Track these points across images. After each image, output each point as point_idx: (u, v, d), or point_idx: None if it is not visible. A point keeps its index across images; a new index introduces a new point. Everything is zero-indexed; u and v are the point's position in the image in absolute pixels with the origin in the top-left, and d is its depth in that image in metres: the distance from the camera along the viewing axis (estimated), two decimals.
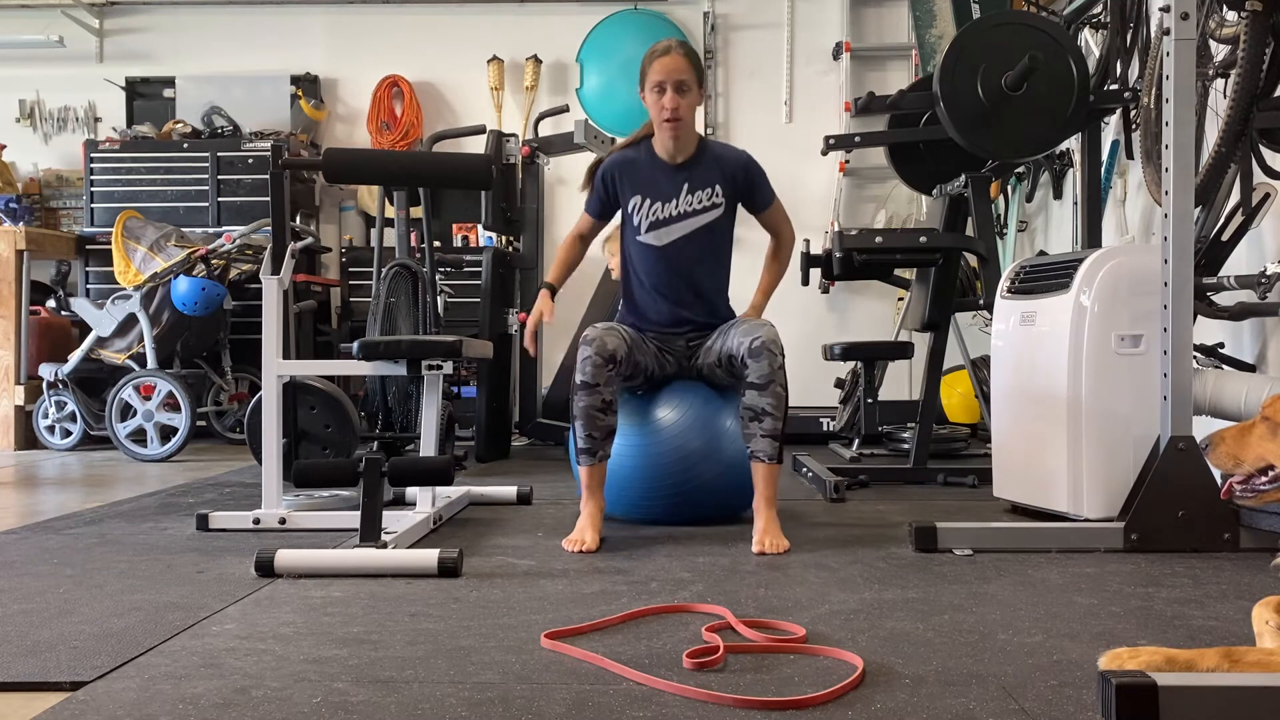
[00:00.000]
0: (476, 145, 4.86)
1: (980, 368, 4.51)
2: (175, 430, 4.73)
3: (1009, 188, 5.30)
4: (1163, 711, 1.23)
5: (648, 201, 2.93)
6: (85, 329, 5.07)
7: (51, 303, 5.35)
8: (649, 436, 2.89)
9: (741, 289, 3.06)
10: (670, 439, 2.88)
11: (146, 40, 6.28)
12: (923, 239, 3.59)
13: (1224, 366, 3.12)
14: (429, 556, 2.31)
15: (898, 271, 4.38)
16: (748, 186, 2.98)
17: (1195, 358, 2.87)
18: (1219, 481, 2.05)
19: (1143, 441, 2.62)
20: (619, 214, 3.04)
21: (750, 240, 3.12)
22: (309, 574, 2.30)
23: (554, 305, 2.98)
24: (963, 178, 3.63)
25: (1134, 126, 3.68)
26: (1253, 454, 1.68)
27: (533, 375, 4.92)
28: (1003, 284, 3.16)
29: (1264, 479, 1.68)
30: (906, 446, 4.53)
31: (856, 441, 4.72)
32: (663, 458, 2.88)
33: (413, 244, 4.12)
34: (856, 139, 3.94)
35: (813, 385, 5.56)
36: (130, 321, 4.95)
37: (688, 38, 6.15)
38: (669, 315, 2.97)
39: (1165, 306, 2.51)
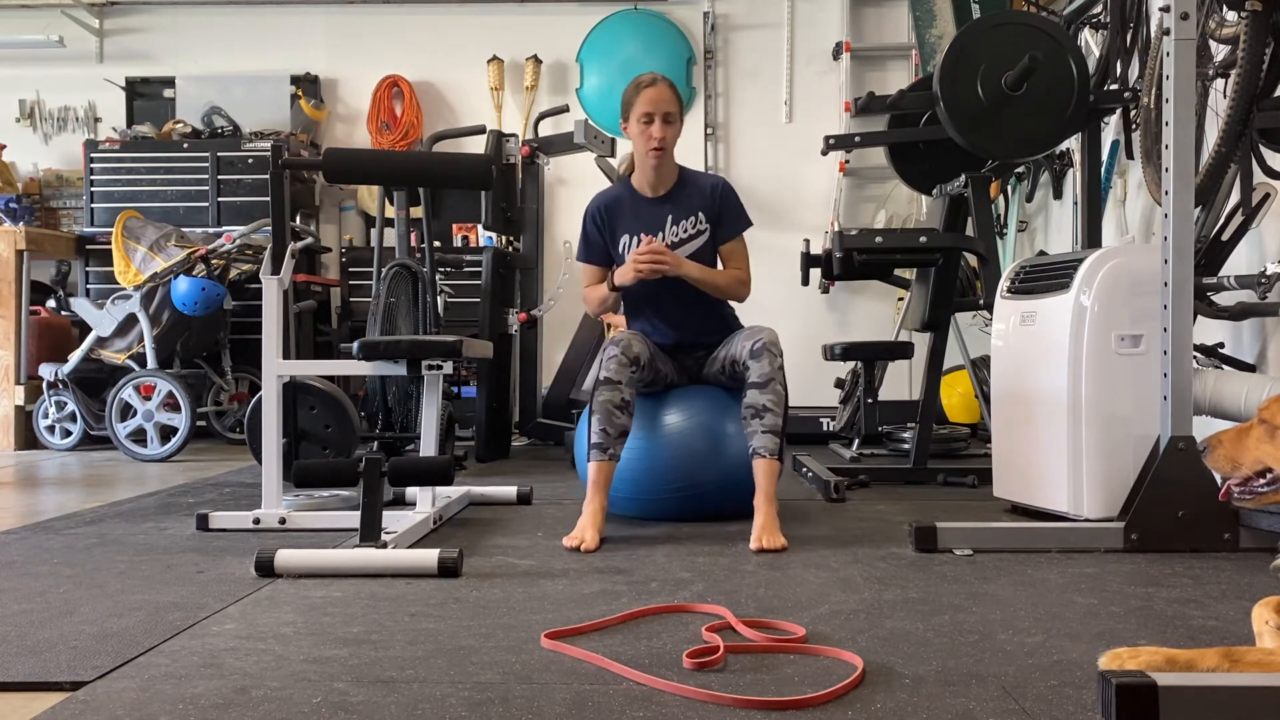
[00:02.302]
0: (476, 145, 4.85)
1: (980, 368, 4.51)
2: (175, 430, 4.73)
3: (1009, 188, 5.30)
4: (1163, 711, 1.23)
5: (636, 239, 2.99)
6: (85, 329, 5.07)
7: (51, 303, 5.35)
8: (655, 437, 2.94)
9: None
10: (675, 441, 2.93)
11: (146, 40, 6.28)
12: (923, 239, 3.59)
13: (1224, 366, 3.12)
14: (429, 556, 2.31)
15: (898, 271, 4.38)
16: (721, 210, 3.03)
17: (1195, 358, 2.87)
18: (1218, 482, 2.05)
19: (1143, 441, 2.62)
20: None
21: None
22: (309, 574, 2.30)
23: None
24: (963, 178, 3.63)
25: (1134, 126, 3.68)
26: (1250, 457, 1.67)
27: (533, 375, 4.92)
28: (1003, 284, 3.16)
29: (1262, 481, 1.68)
30: (906, 446, 4.53)
31: (856, 441, 4.72)
32: (668, 458, 2.92)
33: (413, 244, 4.12)
34: (856, 139, 3.94)
35: (813, 385, 5.56)
36: (130, 321, 4.95)
37: (688, 37, 6.15)
38: (675, 339, 3.06)
39: (1165, 306, 2.51)
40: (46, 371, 5.06)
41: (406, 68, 6.18)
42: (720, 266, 3.08)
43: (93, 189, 5.69)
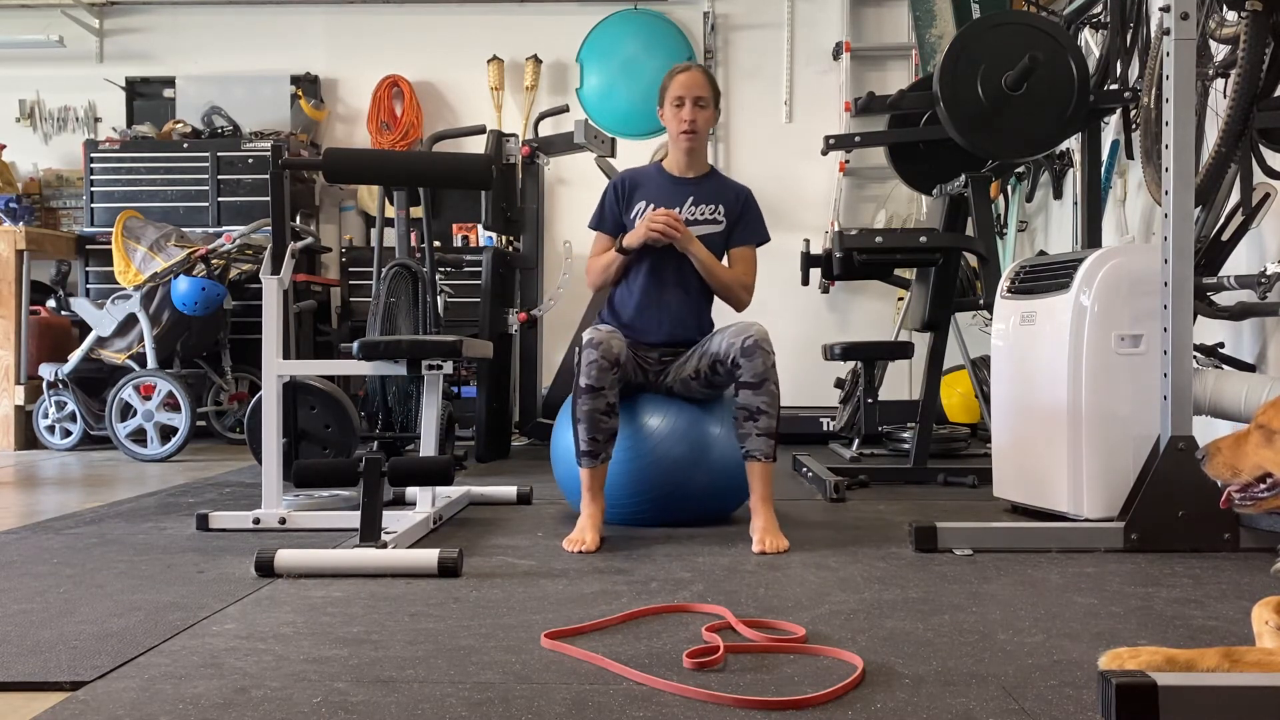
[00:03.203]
0: (476, 145, 4.85)
1: (980, 368, 4.51)
2: (175, 430, 4.73)
3: (1009, 188, 5.30)
4: (1163, 711, 1.23)
5: (651, 206, 2.97)
6: (85, 329, 5.07)
7: (51, 303, 5.35)
8: (637, 443, 2.88)
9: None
10: (657, 445, 2.87)
11: (146, 40, 6.28)
12: (923, 239, 3.59)
13: (1224, 366, 3.12)
14: (429, 556, 2.31)
15: (898, 271, 4.38)
16: (741, 214, 3.03)
17: (1195, 358, 2.87)
18: (1219, 486, 2.05)
19: (1143, 441, 2.62)
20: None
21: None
22: (309, 574, 2.30)
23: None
24: (963, 178, 3.63)
25: (1134, 126, 3.68)
26: (1249, 463, 1.66)
27: (533, 375, 4.92)
28: (1003, 284, 3.16)
29: (1262, 487, 1.67)
30: (906, 446, 4.53)
31: (856, 441, 4.72)
32: (650, 463, 2.87)
33: (413, 244, 4.12)
34: (856, 139, 3.94)
35: (813, 385, 5.56)
36: (130, 321, 4.95)
37: (688, 37, 6.15)
38: (651, 324, 2.98)
39: (1165, 306, 2.51)
40: (46, 371, 5.06)
41: (406, 68, 6.18)
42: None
43: (93, 189, 5.69)
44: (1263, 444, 1.65)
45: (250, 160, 5.66)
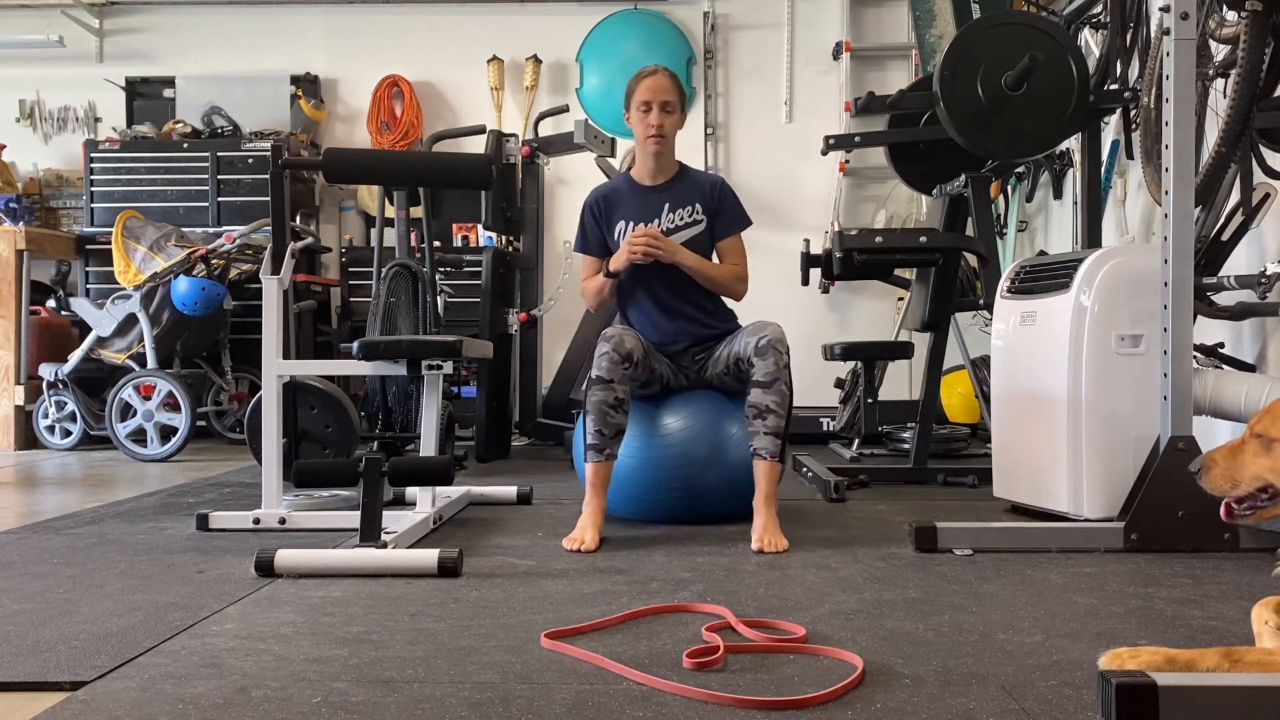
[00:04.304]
0: (476, 145, 4.85)
1: (980, 368, 4.51)
2: (175, 430, 4.73)
3: (1009, 188, 5.30)
4: (1163, 711, 1.23)
5: (632, 224, 2.99)
6: (85, 329, 5.07)
7: (51, 303, 5.35)
8: (656, 440, 2.92)
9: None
10: (677, 444, 2.90)
11: (146, 40, 6.28)
12: (923, 239, 3.59)
13: (1224, 366, 3.12)
14: (429, 556, 2.31)
15: (898, 271, 4.38)
16: (719, 206, 3.02)
17: (1195, 358, 2.87)
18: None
19: (1143, 441, 2.62)
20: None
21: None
22: (309, 574, 2.30)
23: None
24: (963, 178, 3.63)
25: (1134, 126, 3.68)
26: (1248, 473, 1.65)
27: (533, 375, 4.92)
28: (1003, 284, 3.16)
29: (1264, 496, 1.65)
30: (906, 446, 4.53)
31: (856, 441, 4.72)
32: (669, 462, 2.90)
33: (413, 244, 4.12)
34: (856, 139, 3.94)
35: (813, 385, 5.55)
36: (130, 321, 4.95)
37: (688, 37, 6.15)
38: (668, 332, 3.01)
39: (1165, 306, 2.51)
40: (46, 371, 5.06)
41: (406, 68, 6.18)
42: (717, 262, 3.08)
43: (93, 189, 5.69)
44: (1261, 453, 1.63)
45: (250, 160, 5.66)
